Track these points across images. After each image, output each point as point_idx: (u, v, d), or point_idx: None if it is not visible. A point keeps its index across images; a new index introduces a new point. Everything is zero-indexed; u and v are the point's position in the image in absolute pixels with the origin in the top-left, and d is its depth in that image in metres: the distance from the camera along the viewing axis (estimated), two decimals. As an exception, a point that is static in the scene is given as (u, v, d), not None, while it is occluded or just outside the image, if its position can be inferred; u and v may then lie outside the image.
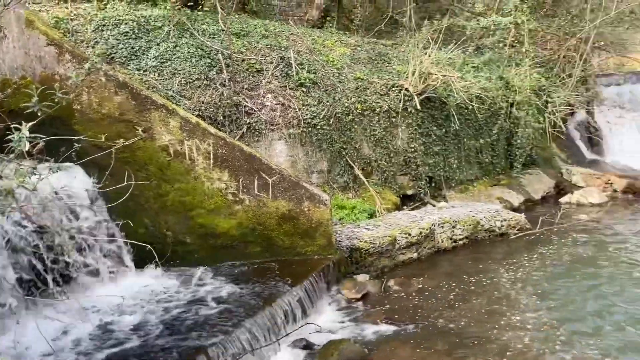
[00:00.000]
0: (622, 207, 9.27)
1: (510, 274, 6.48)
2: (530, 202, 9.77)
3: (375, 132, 8.79)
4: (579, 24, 10.47)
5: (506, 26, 10.02)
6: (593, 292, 5.82)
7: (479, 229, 7.79)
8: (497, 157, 10.29)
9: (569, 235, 7.86)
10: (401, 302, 5.80)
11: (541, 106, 10.35)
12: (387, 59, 9.86)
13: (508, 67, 10.05)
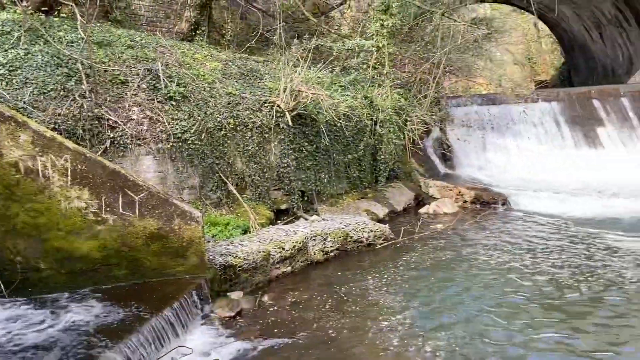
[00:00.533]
0: (471, 216, 10.32)
1: (377, 281, 6.86)
2: (394, 213, 10.45)
3: (248, 148, 8.81)
4: (432, 49, 11.56)
5: (369, 49, 10.73)
6: (449, 290, 6.41)
7: (349, 241, 8.15)
8: (363, 171, 10.87)
9: (428, 243, 8.54)
10: (276, 316, 5.84)
11: (401, 124, 11.18)
12: (259, 75, 9.97)
13: (372, 87, 10.73)
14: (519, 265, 7.26)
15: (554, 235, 8.69)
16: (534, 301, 6.00)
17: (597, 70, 23.12)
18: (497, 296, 6.19)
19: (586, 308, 5.74)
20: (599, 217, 9.55)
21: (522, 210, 10.40)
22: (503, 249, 8.09)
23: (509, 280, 6.73)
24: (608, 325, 5.31)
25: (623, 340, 5.01)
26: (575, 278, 6.64)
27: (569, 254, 7.65)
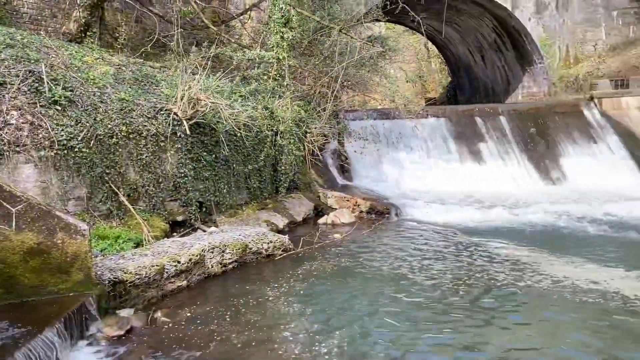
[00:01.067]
0: (367, 225, 10.70)
1: (277, 291, 6.87)
2: (294, 224, 10.54)
3: (142, 157, 8.43)
4: (330, 64, 11.89)
5: (269, 60, 10.79)
6: (345, 297, 6.60)
7: (248, 252, 8.07)
8: (264, 182, 10.86)
9: (327, 252, 8.72)
10: (171, 333, 5.62)
11: (301, 135, 11.35)
12: (154, 81, 9.60)
13: (272, 98, 10.79)
14: (409, 272, 7.64)
15: (441, 242, 9.27)
16: (421, 305, 6.35)
17: (479, 89, 25.19)
18: (388, 301, 6.48)
19: (466, 311, 6.18)
20: (481, 225, 10.36)
21: (413, 220, 10.98)
22: (395, 256, 8.47)
23: (400, 285, 7.07)
24: (484, 326, 5.76)
25: (495, 339, 5.45)
26: (457, 283, 7.13)
27: (454, 260, 8.20)
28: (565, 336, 5.50)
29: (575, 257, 8.08)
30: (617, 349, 5.18)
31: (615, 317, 5.85)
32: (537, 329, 5.76)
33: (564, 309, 6.19)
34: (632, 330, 5.53)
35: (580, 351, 5.14)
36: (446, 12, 18.94)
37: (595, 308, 6.13)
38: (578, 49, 20.64)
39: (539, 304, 6.40)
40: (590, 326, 5.68)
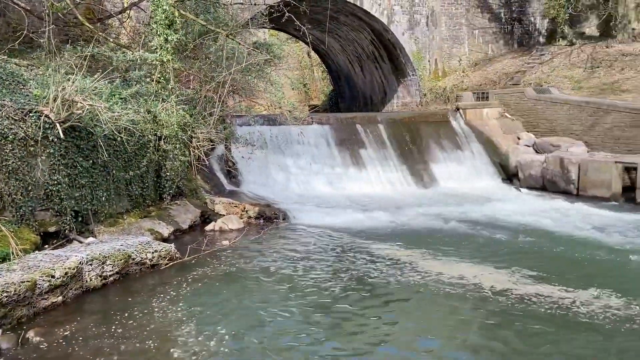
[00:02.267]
0: (255, 231, 10.74)
1: (162, 302, 6.65)
2: (180, 231, 10.24)
3: (8, 163, 7.67)
4: (217, 69, 11.75)
5: (152, 62, 10.39)
6: (232, 302, 6.62)
7: (131, 263, 7.71)
8: (147, 188, 10.41)
9: (215, 259, 8.61)
10: (45, 354, 5.21)
11: (187, 141, 11.06)
12: (22, 80, 8.77)
13: (156, 102, 10.38)
14: (296, 273, 7.85)
15: (327, 245, 9.62)
16: (306, 305, 6.58)
17: (359, 98, 26.45)
18: (274, 304, 6.62)
19: (351, 308, 6.52)
20: (363, 227, 10.90)
21: (301, 224, 11.23)
22: (284, 259, 8.63)
23: (289, 287, 7.24)
24: (365, 320, 6.13)
25: (374, 332, 5.83)
26: (341, 281, 7.48)
27: (338, 260, 8.57)
28: (436, 327, 6.04)
29: (446, 254, 8.85)
30: (481, 336, 5.80)
31: (482, 309, 6.54)
32: (412, 320, 6.25)
33: (437, 302, 6.77)
34: (492, 318, 6.22)
35: (449, 340, 5.68)
36: (328, 24, 19.67)
37: (464, 300, 6.78)
38: (446, 63, 22.58)
39: (414, 298, 6.94)
40: (460, 318, 6.29)
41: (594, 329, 5.84)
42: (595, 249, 8.97)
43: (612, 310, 6.29)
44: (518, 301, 6.64)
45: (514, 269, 7.89)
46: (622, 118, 14.86)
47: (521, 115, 17.86)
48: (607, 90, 16.75)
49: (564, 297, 6.74)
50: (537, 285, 7.23)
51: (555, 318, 6.13)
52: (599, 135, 15.46)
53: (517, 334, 5.74)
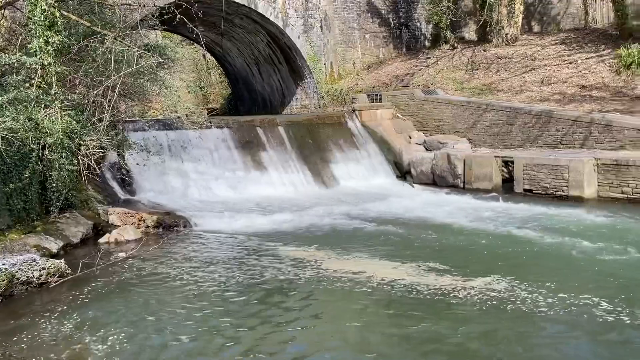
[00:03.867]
0: (155, 240, 10.36)
1: (51, 323, 6.23)
2: (70, 246, 9.61)
3: None
4: (105, 72, 11.14)
5: (32, 66, 9.63)
6: (132, 313, 6.38)
7: (15, 283, 7.12)
8: (30, 202, 9.63)
9: (110, 272, 8.20)
10: None
11: (74, 149, 10.38)
12: None
13: (37, 108, 9.64)
14: (198, 280, 7.72)
15: (231, 249, 9.55)
16: (208, 310, 6.53)
17: (258, 101, 26.43)
18: (172, 312, 6.49)
19: (255, 310, 6.56)
20: (267, 230, 10.95)
21: (203, 230, 11.02)
22: (186, 267, 8.43)
23: (191, 294, 7.11)
24: (271, 324, 6.20)
25: (284, 339, 5.93)
26: (245, 285, 7.49)
27: (243, 264, 8.55)
28: (340, 322, 6.27)
29: (349, 251, 9.17)
30: (379, 327, 6.11)
31: (381, 300, 6.88)
32: (317, 318, 6.43)
33: (340, 298, 7.02)
34: (390, 308, 6.57)
35: (353, 334, 5.93)
36: (223, 26, 19.45)
37: (366, 294, 7.09)
38: (341, 66, 23.28)
39: (319, 296, 7.13)
40: (362, 311, 6.57)
41: (477, 312, 6.38)
42: (480, 236, 9.77)
43: (493, 294, 6.91)
44: (412, 290, 7.07)
45: (410, 261, 8.37)
46: (499, 116, 16.30)
47: (412, 115, 18.92)
48: (486, 91, 18.26)
49: (451, 284, 7.28)
50: (429, 274, 7.74)
51: (439, 304, 6.61)
52: (480, 132, 16.82)
53: (410, 321, 6.12)
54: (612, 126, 13.48)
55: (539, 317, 6.12)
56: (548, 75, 17.70)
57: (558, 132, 14.69)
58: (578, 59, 17.83)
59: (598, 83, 16.44)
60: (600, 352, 5.37)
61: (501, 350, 5.40)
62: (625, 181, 11.99)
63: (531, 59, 18.85)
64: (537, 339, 5.67)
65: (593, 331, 5.78)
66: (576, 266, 7.94)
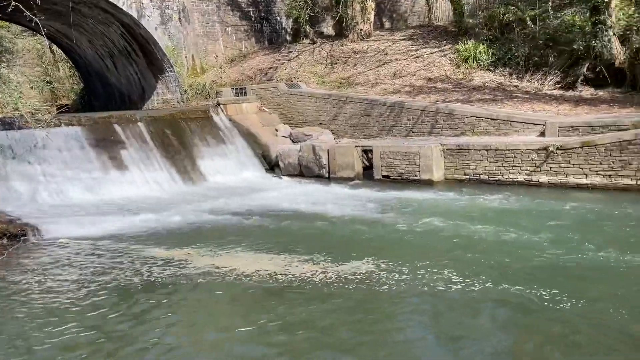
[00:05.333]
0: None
1: None
2: None
3: None
4: None
5: None
6: None
7: None
8: None
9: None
10: None
11: None
12: None
13: None
14: (52, 292, 7.14)
15: (90, 256, 8.93)
16: (65, 324, 6.10)
17: (115, 96, 24.83)
18: (23, 331, 5.97)
19: (120, 315, 6.26)
20: (129, 232, 10.40)
21: (56, 238, 10.14)
22: (36, 279, 7.73)
23: (47, 308, 6.56)
24: (140, 328, 5.99)
25: (151, 343, 5.77)
26: (108, 291, 7.10)
27: (103, 270, 8.06)
28: (213, 318, 6.25)
29: (221, 247, 9.10)
30: (250, 319, 6.21)
31: (254, 293, 6.97)
32: (191, 316, 6.33)
33: (213, 295, 6.97)
34: (261, 301, 6.70)
35: (225, 329, 5.95)
36: (71, 15, 17.92)
37: (238, 288, 7.13)
38: (203, 59, 22.77)
39: (191, 294, 7.01)
40: (235, 306, 6.61)
41: (345, 295, 6.77)
42: (345, 223, 10.31)
43: (359, 277, 7.37)
44: (282, 280, 7.26)
45: (282, 252, 8.57)
46: (358, 108, 17.22)
47: (277, 109, 19.19)
48: (345, 84, 19.16)
49: (320, 271, 7.63)
50: (299, 263, 8.01)
51: (311, 291, 6.91)
52: (342, 123, 17.63)
53: (279, 309, 6.31)
54: (455, 114, 14.98)
55: (401, 295, 6.66)
56: (399, 68, 19.09)
57: (409, 122, 15.94)
58: (424, 53, 19.47)
59: (442, 76, 18.13)
60: (456, 319, 6.03)
61: (367, 331, 5.80)
62: (467, 164, 13.42)
63: (384, 53, 20.16)
64: (402, 316, 6.20)
65: (450, 300, 6.45)
66: (431, 243, 8.76)
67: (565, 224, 9.15)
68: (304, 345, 5.47)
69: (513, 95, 15.92)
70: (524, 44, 17.20)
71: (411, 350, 5.38)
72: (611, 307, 5.78)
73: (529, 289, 6.38)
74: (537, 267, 7.24)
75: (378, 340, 5.54)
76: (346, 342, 5.52)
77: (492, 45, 18.04)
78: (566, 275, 6.90)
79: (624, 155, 11.11)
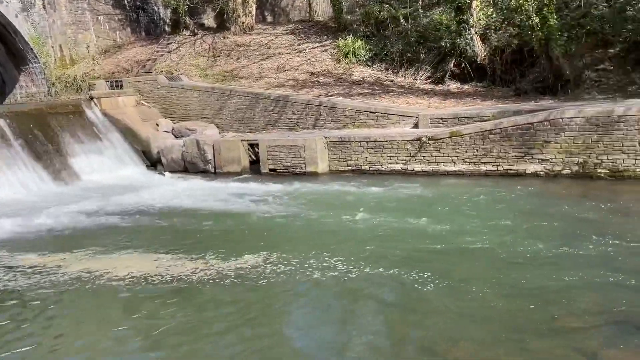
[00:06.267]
0: None
1: None
2: None
3: None
4: None
5: None
6: None
7: None
8: None
9: None
10: None
11: None
12: None
13: None
14: None
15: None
16: None
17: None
18: None
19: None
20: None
21: None
22: None
23: None
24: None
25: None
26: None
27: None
28: (91, 322, 5.91)
29: (97, 249, 8.58)
30: (133, 322, 5.96)
31: (132, 296, 6.68)
32: (68, 324, 5.92)
33: (85, 300, 6.58)
34: (143, 302, 6.46)
35: (104, 333, 5.65)
36: None
37: (116, 291, 6.78)
38: (72, 50, 21.12)
39: (60, 301, 6.55)
40: (114, 309, 6.29)
41: (230, 291, 6.76)
42: (232, 218, 10.24)
43: (242, 272, 7.39)
44: (164, 280, 7.05)
45: (165, 251, 8.31)
46: (242, 101, 17.10)
47: (157, 103, 18.42)
48: (229, 77, 18.90)
49: (204, 269, 7.52)
50: (184, 261, 7.82)
51: (192, 290, 6.81)
52: (227, 117, 17.39)
53: (159, 312, 6.15)
54: (337, 108, 15.47)
55: (288, 286, 6.79)
56: (282, 62, 19.25)
57: (294, 115, 16.18)
58: (306, 48, 19.83)
59: (324, 70, 18.60)
60: (339, 305, 6.28)
61: (256, 325, 5.85)
62: (350, 155, 13.95)
63: (267, 47, 20.19)
64: (289, 306, 6.32)
65: (334, 286, 6.70)
66: (317, 234, 9.01)
67: (441, 209, 9.88)
68: (179, 352, 5.37)
69: (390, 90, 16.81)
70: (398, 40, 18.20)
71: (299, 338, 5.53)
72: (475, 285, 6.39)
73: (404, 273, 6.84)
74: (413, 251, 7.77)
75: (266, 333, 5.62)
76: (232, 336, 5.53)
77: (370, 42, 18.85)
78: (439, 257, 7.49)
79: (486, 143, 12.26)
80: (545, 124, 11.50)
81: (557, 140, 11.42)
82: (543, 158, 11.60)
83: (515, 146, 11.87)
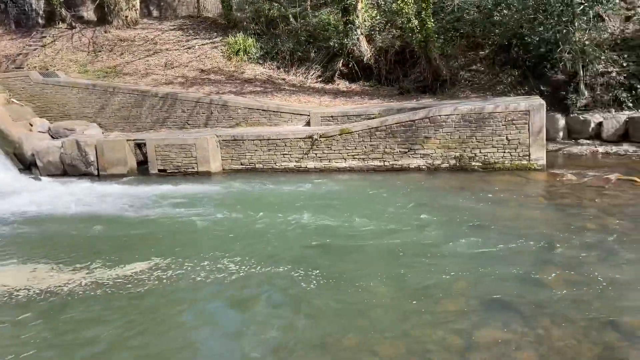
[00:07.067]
0: None
1: None
2: None
3: None
4: None
5: None
6: None
7: None
8: None
9: None
10: None
11: None
12: None
13: None
14: None
15: None
16: None
17: None
18: None
19: None
20: None
21: None
22: None
23: None
24: None
25: None
26: None
27: None
28: None
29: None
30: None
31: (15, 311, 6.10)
32: None
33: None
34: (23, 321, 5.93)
35: None
36: None
37: None
38: None
39: None
40: None
41: (120, 302, 6.42)
42: (118, 222, 9.70)
43: (120, 280, 7.05)
44: (47, 293, 6.53)
45: (43, 262, 7.66)
46: (127, 99, 16.24)
47: (30, 101, 16.91)
48: (112, 74, 17.85)
49: (89, 278, 7.06)
50: (65, 272, 7.28)
51: (75, 303, 6.38)
52: (110, 116, 16.42)
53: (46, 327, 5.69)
54: (229, 106, 15.25)
55: (179, 291, 6.58)
56: (170, 59, 18.57)
57: (184, 113, 15.69)
58: (195, 44, 19.30)
59: (215, 67, 18.23)
60: (232, 303, 6.21)
61: (141, 330, 5.60)
62: (243, 154, 13.83)
63: (153, 42, 19.36)
64: (181, 314, 6.12)
65: (226, 286, 6.60)
66: (209, 235, 8.82)
67: (335, 204, 10.13)
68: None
69: (282, 88, 16.92)
70: (289, 39, 18.36)
71: (193, 344, 5.40)
72: (362, 279, 6.66)
73: (294, 270, 6.94)
74: (304, 248, 7.91)
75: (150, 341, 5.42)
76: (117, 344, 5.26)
77: (261, 40, 18.82)
78: (328, 253, 7.69)
79: (373, 140, 12.80)
80: (426, 121, 12.26)
81: (436, 136, 12.23)
82: (424, 153, 12.37)
83: (400, 142, 12.52)
